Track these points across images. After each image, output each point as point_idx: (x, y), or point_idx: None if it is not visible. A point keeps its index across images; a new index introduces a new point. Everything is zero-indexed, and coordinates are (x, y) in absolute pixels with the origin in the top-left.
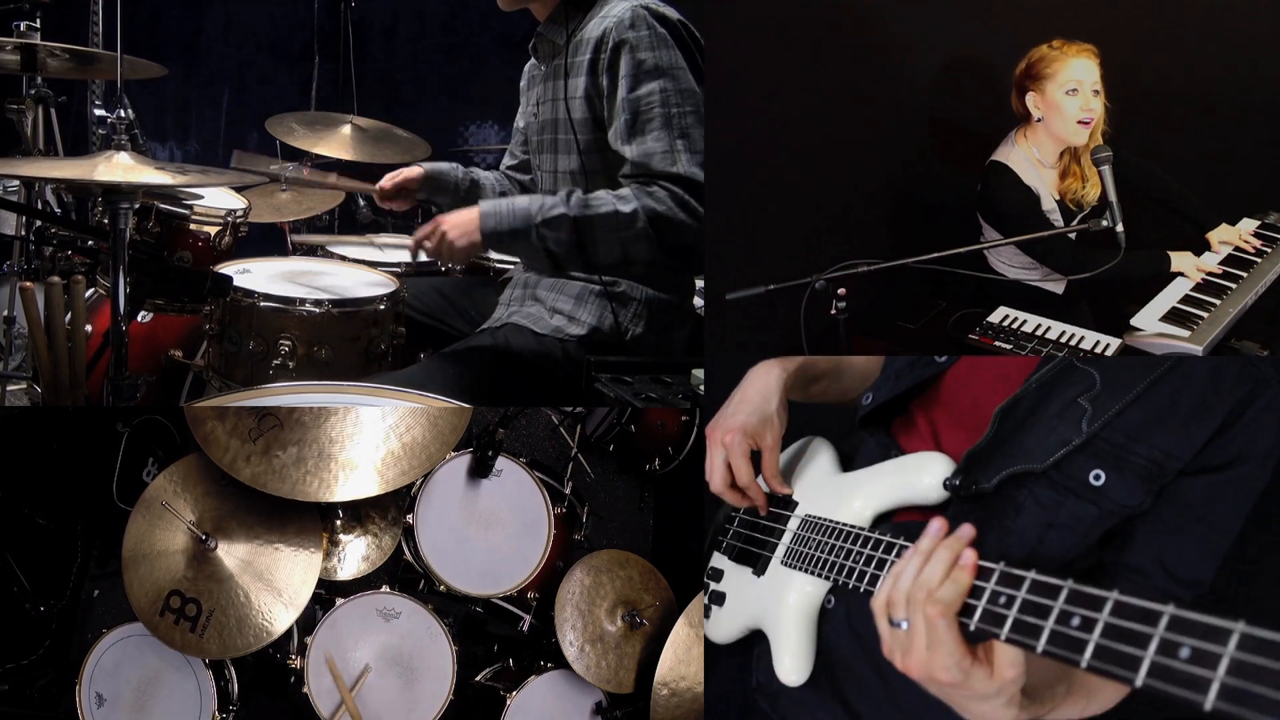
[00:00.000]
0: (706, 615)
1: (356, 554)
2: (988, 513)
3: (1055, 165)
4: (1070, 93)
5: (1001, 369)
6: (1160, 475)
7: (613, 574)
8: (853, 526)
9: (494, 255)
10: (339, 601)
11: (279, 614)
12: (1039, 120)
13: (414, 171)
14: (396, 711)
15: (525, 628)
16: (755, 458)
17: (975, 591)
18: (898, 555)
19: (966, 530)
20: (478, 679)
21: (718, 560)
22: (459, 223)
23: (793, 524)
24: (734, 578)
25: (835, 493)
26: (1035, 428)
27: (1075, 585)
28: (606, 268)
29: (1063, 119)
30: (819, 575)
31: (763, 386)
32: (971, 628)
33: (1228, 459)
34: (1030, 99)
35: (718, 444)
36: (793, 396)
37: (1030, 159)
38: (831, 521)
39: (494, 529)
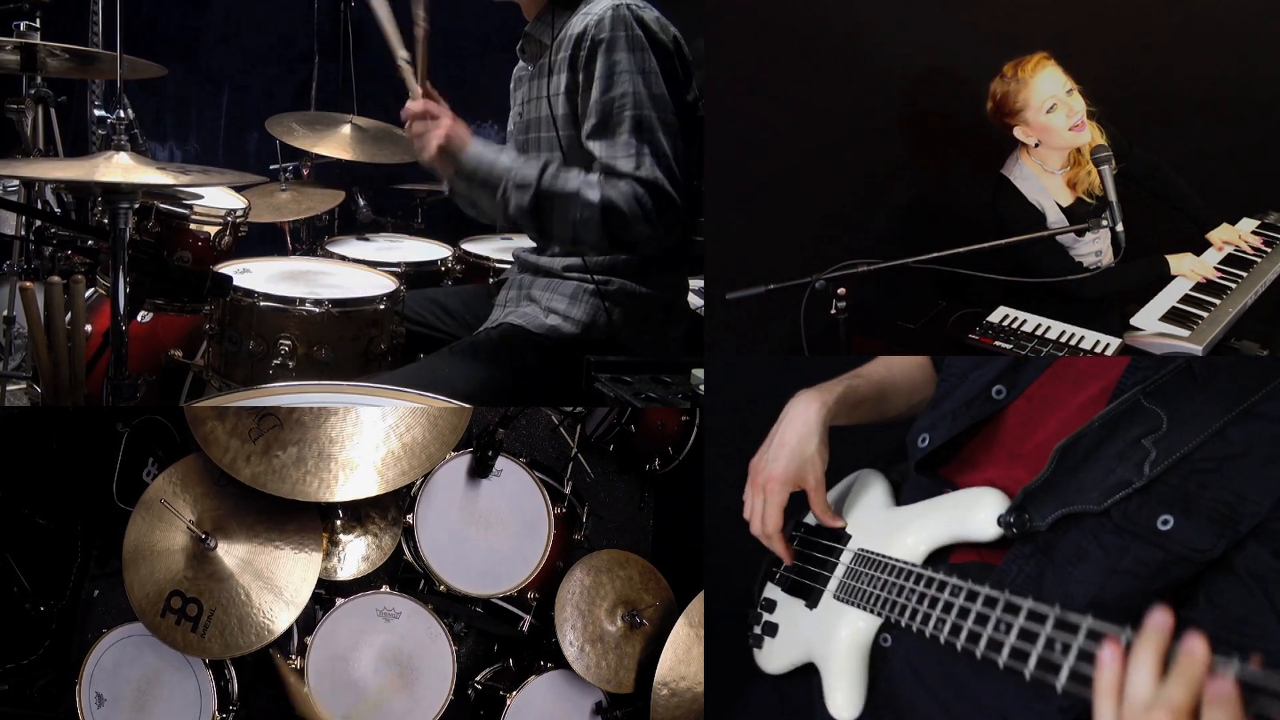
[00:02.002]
0: (758, 646)
1: (356, 554)
2: (1047, 556)
3: (1063, 167)
4: (1050, 110)
5: (1067, 411)
6: (1235, 519)
7: (613, 574)
8: (906, 563)
9: (492, 256)
10: (339, 601)
11: (279, 613)
12: (1037, 145)
13: (463, 131)
14: (396, 711)
15: (525, 628)
16: (801, 499)
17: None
18: (952, 594)
19: (1201, 647)
20: (478, 679)
21: (770, 591)
22: (456, 134)
23: (845, 557)
24: (787, 609)
25: (888, 527)
26: (1094, 467)
27: None
28: (556, 239)
29: (1057, 135)
30: (871, 611)
31: (801, 427)
32: None
33: None
34: (1018, 131)
35: (758, 489)
36: (836, 423)
37: (1036, 172)
38: (885, 557)
39: (494, 529)
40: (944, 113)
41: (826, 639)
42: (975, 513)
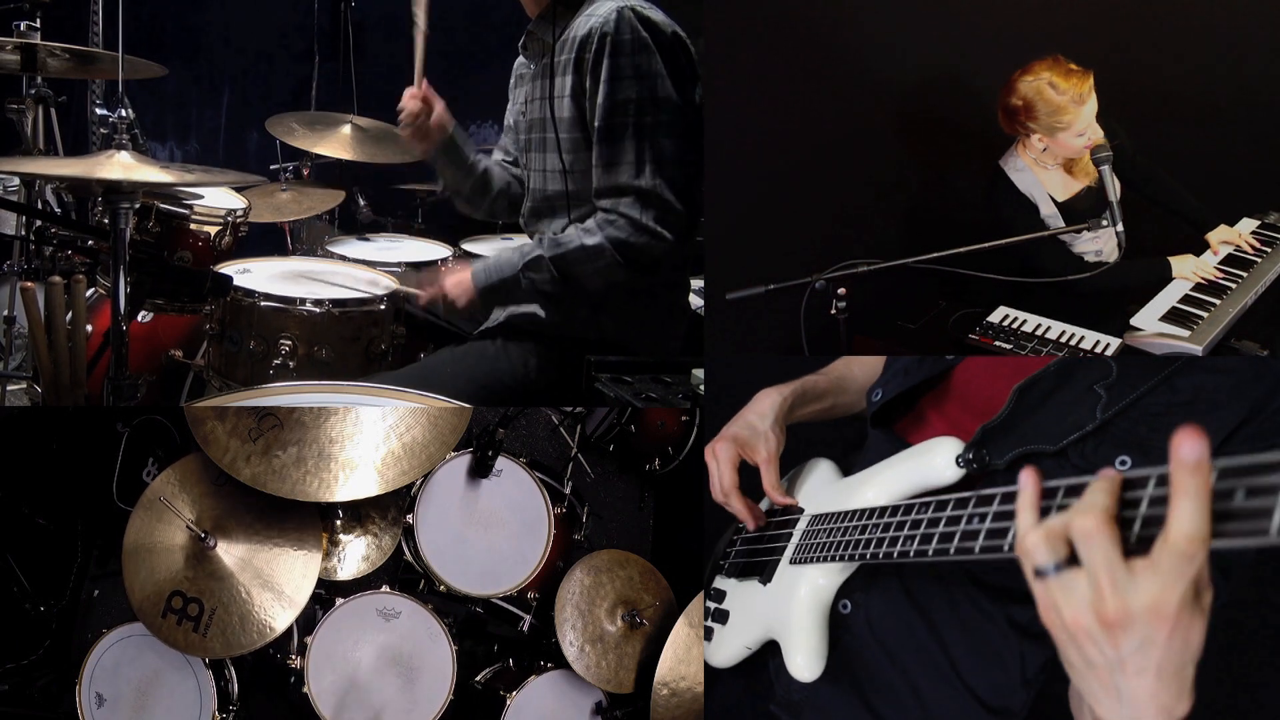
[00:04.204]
0: (708, 638)
1: (356, 554)
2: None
3: (1058, 164)
4: (1081, 135)
5: (1018, 364)
6: None
7: (613, 574)
8: (868, 508)
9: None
10: (339, 601)
11: (279, 613)
12: (1044, 149)
13: (447, 119)
14: (396, 711)
15: (525, 628)
16: (754, 476)
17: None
18: (920, 511)
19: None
20: (478, 679)
21: (720, 583)
22: (458, 282)
23: (800, 524)
24: (738, 594)
25: (843, 491)
26: (1051, 410)
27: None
28: (596, 292)
29: (1071, 150)
30: (835, 559)
31: (759, 408)
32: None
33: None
34: (1035, 138)
35: (709, 455)
36: (798, 418)
37: (1031, 166)
38: (843, 512)
39: (494, 529)
40: (944, 113)
41: (784, 605)
42: (933, 458)
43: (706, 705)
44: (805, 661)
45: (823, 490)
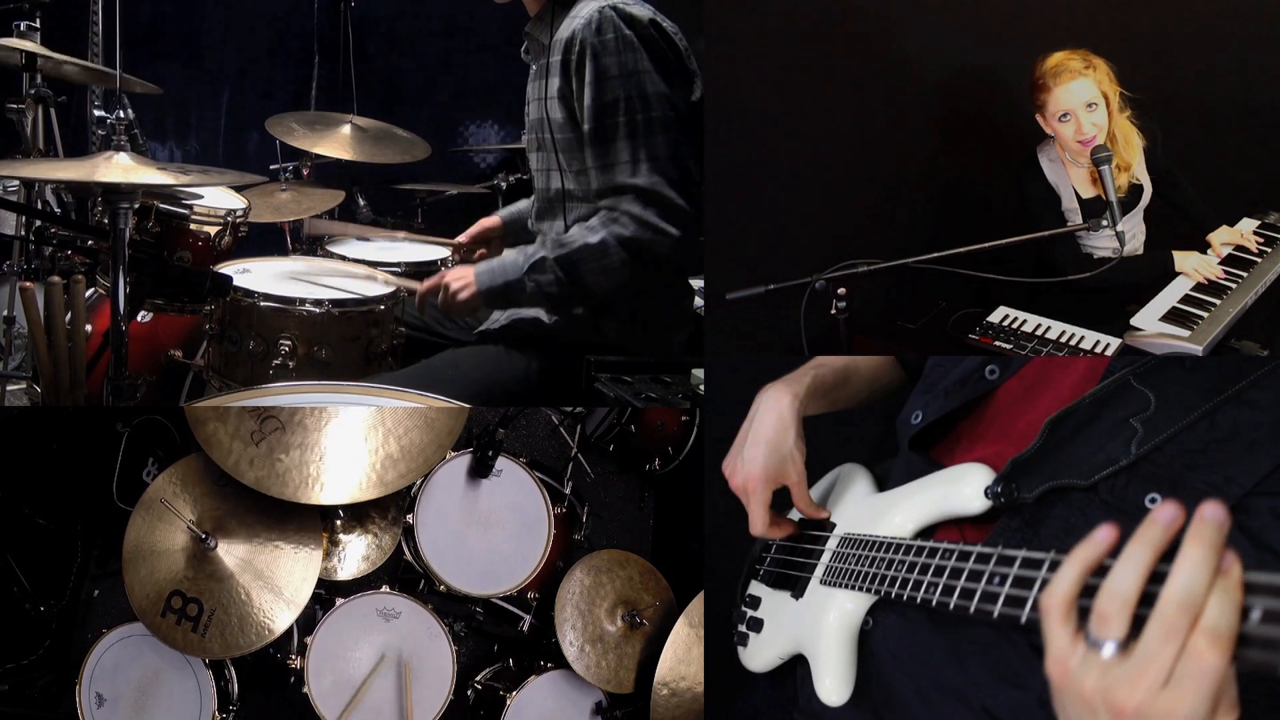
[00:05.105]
0: (743, 644)
1: (356, 554)
2: (1033, 530)
3: (1083, 163)
4: (1063, 119)
5: (1058, 390)
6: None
7: (613, 574)
8: (895, 539)
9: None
10: (339, 601)
11: (279, 613)
12: (1053, 139)
13: (492, 221)
14: (397, 711)
15: (525, 628)
16: (785, 495)
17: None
18: (943, 558)
19: (1221, 513)
20: (478, 679)
21: (754, 588)
22: (460, 277)
23: (831, 543)
24: (771, 603)
25: (873, 510)
26: (1084, 443)
27: None
28: (603, 295)
29: (1065, 142)
30: (860, 589)
31: (775, 421)
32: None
33: None
34: (1038, 119)
35: (740, 493)
36: (807, 414)
37: (1061, 158)
38: (871, 536)
39: (494, 529)
40: (947, 112)
41: (814, 625)
42: (962, 487)
43: (733, 706)
44: (834, 685)
45: (855, 505)
